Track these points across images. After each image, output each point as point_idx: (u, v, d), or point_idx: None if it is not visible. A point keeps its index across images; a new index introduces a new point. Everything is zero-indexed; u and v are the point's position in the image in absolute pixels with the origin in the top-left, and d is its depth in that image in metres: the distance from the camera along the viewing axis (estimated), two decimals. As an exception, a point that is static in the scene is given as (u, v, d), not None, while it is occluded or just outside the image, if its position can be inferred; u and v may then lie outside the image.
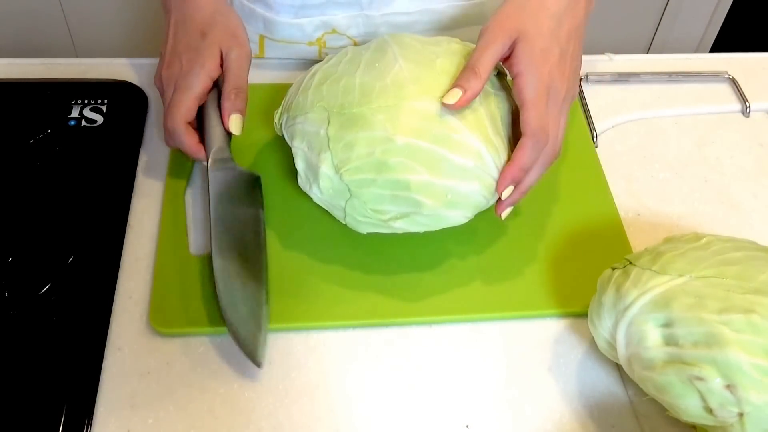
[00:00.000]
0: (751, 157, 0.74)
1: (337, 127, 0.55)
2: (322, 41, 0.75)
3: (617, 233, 0.64)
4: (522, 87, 0.55)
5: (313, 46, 0.76)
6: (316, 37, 0.75)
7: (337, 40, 0.75)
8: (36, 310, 0.56)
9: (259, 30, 0.75)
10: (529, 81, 0.55)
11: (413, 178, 0.54)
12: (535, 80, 0.55)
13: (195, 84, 0.59)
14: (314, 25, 0.74)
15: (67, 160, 0.65)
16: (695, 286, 0.49)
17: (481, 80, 0.54)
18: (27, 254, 0.59)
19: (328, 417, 0.53)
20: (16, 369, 0.53)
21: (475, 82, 0.54)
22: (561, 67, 0.56)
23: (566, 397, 0.55)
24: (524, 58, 0.55)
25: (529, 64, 0.55)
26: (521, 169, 0.55)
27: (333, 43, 0.75)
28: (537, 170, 0.57)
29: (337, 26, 0.74)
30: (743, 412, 0.46)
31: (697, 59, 0.82)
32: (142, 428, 0.52)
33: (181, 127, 0.60)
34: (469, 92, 0.53)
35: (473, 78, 0.54)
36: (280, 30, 0.74)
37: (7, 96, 0.71)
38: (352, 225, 0.59)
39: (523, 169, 0.55)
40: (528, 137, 0.54)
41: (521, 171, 0.55)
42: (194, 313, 0.56)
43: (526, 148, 0.55)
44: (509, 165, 0.55)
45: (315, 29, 0.74)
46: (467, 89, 0.53)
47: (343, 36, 0.75)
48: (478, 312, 0.59)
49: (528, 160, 0.55)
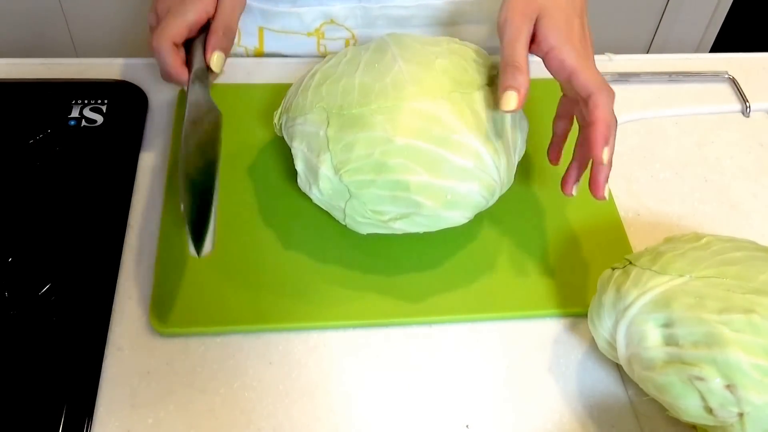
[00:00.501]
0: (751, 157, 0.74)
1: (336, 128, 0.55)
2: (321, 32, 0.76)
3: (617, 233, 0.64)
4: (562, 58, 0.54)
5: (311, 36, 0.76)
6: (314, 28, 0.75)
7: (336, 30, 0.75)
8: (36, 310, 0.56)
9: (258, 22, 0.76)
10: (566, 51, 0.54)
11: (413, 179, 0.54)
12: (572, 48, 0.54)
13: (189, 12, 0.59)
14: (312, 15, 0.74)
15: (67, 160, 0.65)
16: (695, 286, 0.49)
17: (525, 73, 0.53)
18: (27, 254, 0.59)
19: (328, 417, 0.53)
20: (16, 369, 0.53)
21: (522, 77, 0.53)
22: (584, 36, 0.56)
23: (566, 397, 0.55)
24: (553, 33, 0.54)
25: (559, 37, 0.54)
26: (607, 126, 0.53)
27: (331, 34, 0.76)
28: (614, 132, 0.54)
29: (335, 17, 0.74)
30: (743, 412, 0.46)
31: (697, 59, 0.83)
32: (142, 428, 0.52)
33: (167, 45, 0.58)
34: (522, 89, 0.52)
35: (518, 74, 0.53)
36: (278, 20, 0.75)
37: (7, 96, 0.71)
38: (352, 226, 0.59)
39: (609, 126, 0.53)
40: (597, 93, 0.53)
41: (608, 128, 0.53)
42: (194, 313, 0.56)
43: (600, 104, 0.53)
44: (594, 128, 0.52)
45: (313, 19, 0.75)
46: (519, 87, 0.52)
47: (342, 27, 0.75)
48: (478, 312, 0.59)
49: (609, 115, 0.53)
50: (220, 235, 0.61)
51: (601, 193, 0.55)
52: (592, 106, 0.53)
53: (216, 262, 0.59)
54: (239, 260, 0.60)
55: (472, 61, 0.58)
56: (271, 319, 0.57)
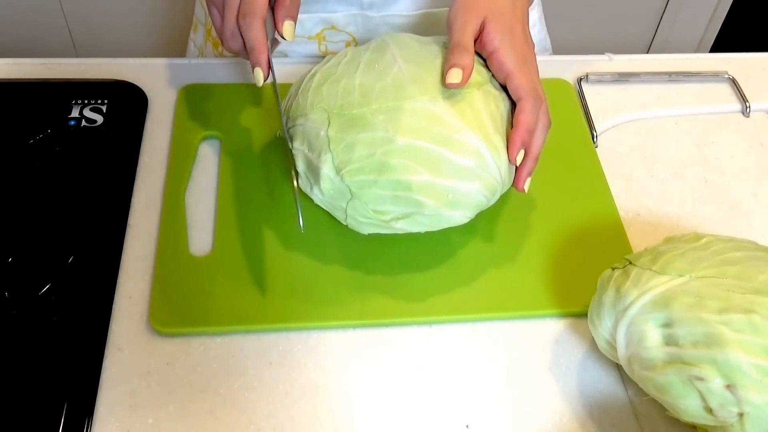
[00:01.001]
0: (751, 157, 0.74)
1: (337, 128, 0.55)
2: (322, 36, 0.76)
3: (617, 233, 0.64)
4: (502, 60, 0.57)
5: (312, 40, 0.76)
6: (315, 32, 0.76)
7: (337, 35, 0.76)
8: (36, 310, 0.56)
9: None
10: (507, 53, 0.57)
11: (414, 179, 0.54)
12: (512, 51, 0.57)
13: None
14: (314, 21, 0.75)
15: (67, 160, 0.65)
16: (695, 286, 0.49)
17: (471, 55, 0.56)
18: (27, 254, 0.59)
19: (328, 417, 0.53)
20: (17, 369, 0.53)
21: (468, 57, 0.55)
22: (525, 41, 0.59)
23: (566, 397, 0.55)
24: (496, 35, 0.57)
25: (503, 39, 0.57)
26: (527, 131, 0.56)
27: (332, 38, 0.76)
28: (540, 134, 0.58)
29: (336, 23, 0.75)
30: (743, 412, 0.46)
31: (697, 59, 0.83)
32: (142, 428, 0.52)
33: (258, 22, 0.57)
34: (467, 69, 0.55)
35: (465, 54, 0.56)
36: None
37: (7, 96, 0.71)
38: (353, 226, 0.59)
39: (529, 131, 0.56)
40: (525, 99, 0.57)
41: (527, 133, 0.56)
42: (194, 313, 0.56)
43: (525, 110, 0.56)
44: (515, 130, 0.56)
45: (315, 25, 0.75)
46: (464, 66, 0.55)
47: (343, 32, 0.76)
48: (478, 312, 0.59)
49: (531, 120, 0.56)
50: (220, 234, 0.61)
51: (521, 186, 0.58)
52: (518, 110, 0.57)
53: (216, 262, 0.59)
54: (239, 260, 0.60)
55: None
56: (271, 319, 0.57)
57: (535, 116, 0.57)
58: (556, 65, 0.80)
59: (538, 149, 0.58)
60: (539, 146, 0.58)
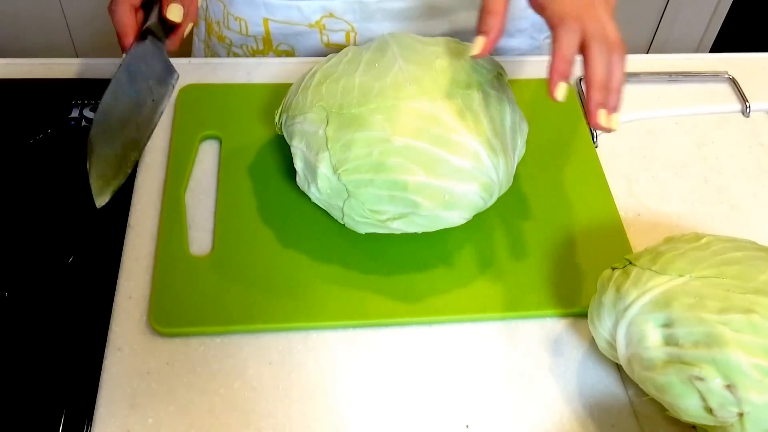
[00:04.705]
0: (751, 157, 0.74)
1: (335, 127, 0.55)
2: (322, 24, 0.76)
3: (617, 233, 0.64)
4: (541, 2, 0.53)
5: (313, 28, 0.77)
6: (315, 20, 0.77)
7: (336, 23, 0.77)
8: (36, 310, 0.56)
9: (262, 14, 0.77)
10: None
11: (411, 179, 0.54)
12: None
13: None
14: (312, 9, 0.76)
15: (67, 160, 0.65)
16: (695, 286, 0.49)
17: (499, 16, 0.51)
18: (27, 254, 0.59)
19: (327, 417, 0.53)
20: (17, 369, 0.53)
21: (493, 19, 0.51)
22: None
23: (566, 397, 0.55)
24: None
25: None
26: (563, 59, 0.50)
27: (332, 26, 0.77)
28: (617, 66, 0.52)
29: (334, 11, 0.75)
30: (743, 412, 0.46)
31: (697, 59, 0.82)
32: (142, 428, 0.52)
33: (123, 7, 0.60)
34: (492, 33, 0.51)
35: (490, 17, 0.51)
36: (280, 12, 0.77)
37: (7, 96, 0.71)
38: (350, 225, 0.59)
39: (566, 59, 0.51)
40: (558, 25, 0.51)
41: (564, 61, 0.51)
42: (194, 313, 0.56)
43: (558, 37, 0.51)
44: (551, 61, 0.51)
45: (313, 12, 0.76)
46: (489, 31, 0.51)
47: (341, 20, 0.76)
48: (477, 312, 0.59)
49: (566, 47, 0.51)
50: (220, 234, 0.61)
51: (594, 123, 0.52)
52: (552, 39, 0.51)
53: (216, 262, 0.59)
54: (239, 260, 0.60)
55: (471, 61, 0.58)
56: (271, 319, 0.57)
57: (571, 43, 0.51)
58: (556, 65, 0.80)
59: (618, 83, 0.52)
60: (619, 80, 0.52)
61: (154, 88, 0.64)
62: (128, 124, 0.62)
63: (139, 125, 0.63)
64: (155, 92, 0.64)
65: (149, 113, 0.64)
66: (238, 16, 0.79)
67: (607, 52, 0.51)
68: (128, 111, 0.62)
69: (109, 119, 0.60)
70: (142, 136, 0.63)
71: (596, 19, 0.52)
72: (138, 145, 0.63)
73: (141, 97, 0.63)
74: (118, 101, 0.61)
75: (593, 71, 0.51)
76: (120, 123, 0.61)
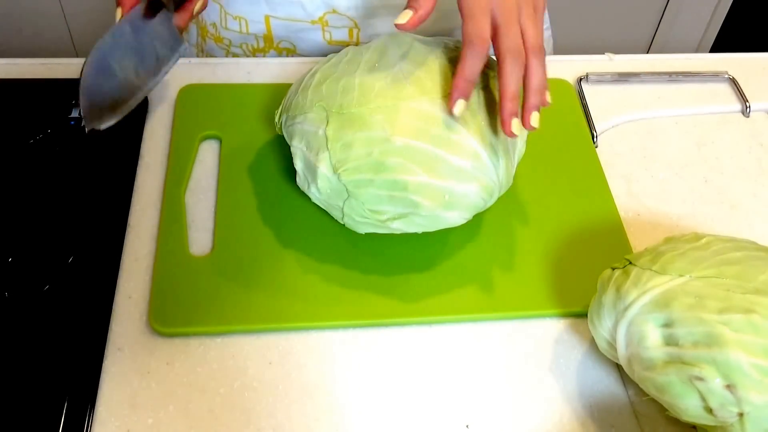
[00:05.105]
0: (751, 157, 0.74)
1: (335, 127, 0.55)
2: (325, 20, 0.76)
3: (617, 233, 0.64)
4: (461, 4, 0.55)
5: (315, 25, 0.77)
6: (318, 16, 0.76)
7: (339, 20, 0.76)
8: (36, 310, 0.56)
9: (264, 11, 0.77)
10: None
11: (411, 179, 0.54)
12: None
13: None
14: (315, 5, 0.75)
15: (67, 160, 0.65)
16: (695, 286, 0.49)
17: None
18: (27, 254, 0.59)
19: (328, 417, 0.53)
20: (17, 369, 0.53)
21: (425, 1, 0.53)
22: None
23: (566, 397, 0.55)
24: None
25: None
26: (464, 79, 0.53)
27: (335, 23, 0.76)
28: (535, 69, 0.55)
29: (336, 6, 0.75)
30: (743, 412, 0.46)
31: (697, 59, 0.82)
32: (142, 428, 0.52)
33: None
34: (421, 10, 0.53)
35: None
36: (283, 8, 0.76)
37: (7, 96, 0.71)
38: (350, 225, 0.59)
39: (467, 80, 0.53)
40: (465, 46, 0.53)
41: (465, 81, 0.53)
42: (194, 313, 0.56)
43: (464, 57, 0.53)
44: (454, 77, 0.53)
45: (316, 8, 0.76)
46: (418, 8, 0.53)
47: (344, 16, 0.76)
48: (477, 312, 0.59)
49: (468, 69, 0.53)
50: (220, 234, 0.61)
51: (508, 129, 0.54)
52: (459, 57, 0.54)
53: (216, 262, 0.59)
54: (239, 260, 0.60)
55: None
56: (271, 319, 0.57)
57: (475, 64, 0.53)
58: (556, 65, 0.80)
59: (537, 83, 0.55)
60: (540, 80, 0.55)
61: (159, 48, 0.64)
62: (127, 69, 0.62)
63: (139, 73, 0.63)
64: (160, 51, 0.64)
65: (153, 65, 0.64)
66: (237, 15, 0.79)
67: (519, 65, 0.54)
68: (128, 57, 0.62)
69: (106, 58, 0.60)
70: (142, 84, 0.63)
71: (512, 22, 0.54)
72: (135, 91, 0.63)
73: (144, 49, 0.63)
74: (117, 45, 0.60)
75: (504, 84, 0.54)
76: (118, 65, 0.61)
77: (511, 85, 0.54)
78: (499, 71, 0.54)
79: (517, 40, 0.54)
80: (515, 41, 0.54)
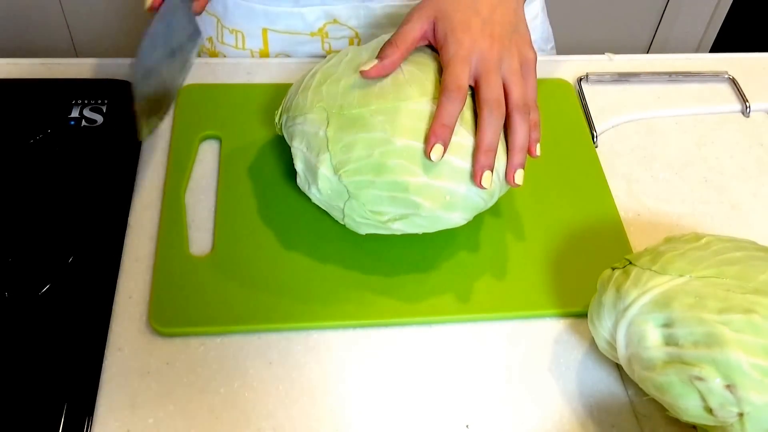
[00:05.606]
0: (751, 157, 0.74)
1: (336, 128, 0.55)
2: (324, 32, 0.76)
3: (617, 233, 0.64)
4: (442, 55, 0.56)
5: (315, 36, 0.76)
6: (317, 28, 0.75)
7: (339, 30, 0.76)
8: (36, 310, 0.56)
9: (261, 24, 0.76)
10: (448, 48, 0.56)
11: (412, 180, 0.54)
12: (455, 47, 0.55)
13: None
14: (315, 15, 0.74)
15: (67, 160, 0.65)
16: (695, 286, 0.49)
17: (399, 51, 0.55)
18: (27, 254, 0.59)
19: (328, 417, 0.53)
20: (16, 369, 0.53)
21: (395, 54, 0.55)
22: (485, 34, 0.56)
23: (566, 397, 0.55)
24: (443, 31, 0.56)
25: (448, 35, 0.56)
26: (442, 125, 0.53)
27: (335, 33, 0.76)
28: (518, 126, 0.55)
29: (338, 16, 0.74)
30: (743, 412, 0.46)
31: (697, 59, 0.83)
32: (142, 428, 0.52)
33: None
34: (386, 60, 0.55)
35: (389, 48, 0.55)
36: (281, 20, 0.75)
37: (7, 96, 0.71)
38: (351, 226, 0.59)
39: (445, 125, 0.53)
40: (442, 93, 0.54)
41: (442, 127, 0.53)
42: (194, 313, 0.56)
43: (441, 104, 0.54)
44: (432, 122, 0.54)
45: (316, 19, 0.75)
46: (385, 59, 0.55)
47: (345, 27, 0.75)
48: (477, 312, 0.59)
49: (446, 116, 0.53)
50: (220, 234, 0.61)
51: (478, 181, 0.54)
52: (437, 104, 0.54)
53: (216, 262, 0.59)
54: (239, 260, 0.60)
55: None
56: (271, 319, 0.57)
57: (451, 112, 0.53)
58: (556, 65, 0.80)
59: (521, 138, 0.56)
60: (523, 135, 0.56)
61: (184, 42, 0.65)
62: (161, 72, 0.63)
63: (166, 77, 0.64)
64: (184, 45, 0.65)
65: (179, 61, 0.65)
66: (234, 29, 0.78)
67: (496, 116, 0.54)
68: (163, 57, 0.63)
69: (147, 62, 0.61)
70: (172, 87, 0.65)
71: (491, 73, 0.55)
72: (169, 93, 0.64)
73: (173, 44, 0.64)
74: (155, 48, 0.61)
75: (479, 136, 0.54)
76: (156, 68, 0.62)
77: (486, 138, 0.54)
78: (477, 122, 0.55)
79: (496, 91, 0.55)
80: (494, 93, 0.55)
